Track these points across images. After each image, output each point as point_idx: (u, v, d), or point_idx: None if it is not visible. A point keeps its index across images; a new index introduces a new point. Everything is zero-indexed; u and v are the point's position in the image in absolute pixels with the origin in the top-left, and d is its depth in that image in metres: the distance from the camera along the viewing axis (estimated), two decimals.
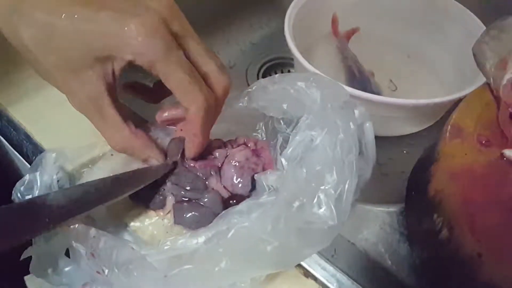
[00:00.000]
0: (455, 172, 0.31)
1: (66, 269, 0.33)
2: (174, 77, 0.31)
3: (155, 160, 0.36)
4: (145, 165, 0.38)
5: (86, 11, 0.30)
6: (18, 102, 0.45)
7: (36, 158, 0.34)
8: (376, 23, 0.70)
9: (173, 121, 0.37)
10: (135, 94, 0.38)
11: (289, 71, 0.75)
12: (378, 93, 0.65)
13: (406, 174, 0.44)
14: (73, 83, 0.31)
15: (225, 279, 0.31)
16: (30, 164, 0.43)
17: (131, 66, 0.31)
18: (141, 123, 0.37)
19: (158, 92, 0.38)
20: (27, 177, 0.33)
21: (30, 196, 0.32)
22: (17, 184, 0.33)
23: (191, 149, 0.36)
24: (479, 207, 0.29)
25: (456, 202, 0.30)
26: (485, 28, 0.54)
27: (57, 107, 0.44)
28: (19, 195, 0.32)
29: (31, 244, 0.32)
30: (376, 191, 0.48)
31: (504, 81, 0.35)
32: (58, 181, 0.34)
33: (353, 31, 0.71)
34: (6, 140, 0.45)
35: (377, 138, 0.62)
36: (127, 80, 0.37)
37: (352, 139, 0.33)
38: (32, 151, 0.42)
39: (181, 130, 0.37)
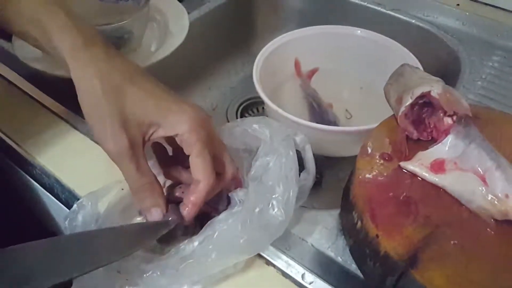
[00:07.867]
0: (364, 180, 0.44)
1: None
2: (201, 152, 0.42)
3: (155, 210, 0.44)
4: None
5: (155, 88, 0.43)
6: (48, 154, 0.57)
7: (79, 201, 0.46)
8: (332, 63, 0.80)
9: (177, 180, 0.48)
10: (156, 151, 0.48)
11: (263, 108, 0.88)
12: (335, 122, 0.77)
13: None
14: (119, 133, 0.40)
15: (216, 266, 0.43)
16: (61, 203, 0.56)
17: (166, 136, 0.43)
18: None
19: (174, 160, 0.48)
20: (74, 210, 0.46)
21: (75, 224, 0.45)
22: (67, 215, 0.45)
23: (189, 213, 0.43)
24: (378, 203, 0.42)
25: (363, 201, 0.42)
26: (419, 63, 0.67)
27: (78, 156, 0.57)
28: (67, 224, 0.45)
29: None
30: (335, 200, 0.60)
31: (400, 113, 0.48)
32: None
33: (313, 71, 0.81)
34: (39, 184, 0.57)
35: (337, 158, 0.76)
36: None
37: (292, 161, 0.46)
38: (61, 191, 0.54)
39: (182, 192, 0.46)
